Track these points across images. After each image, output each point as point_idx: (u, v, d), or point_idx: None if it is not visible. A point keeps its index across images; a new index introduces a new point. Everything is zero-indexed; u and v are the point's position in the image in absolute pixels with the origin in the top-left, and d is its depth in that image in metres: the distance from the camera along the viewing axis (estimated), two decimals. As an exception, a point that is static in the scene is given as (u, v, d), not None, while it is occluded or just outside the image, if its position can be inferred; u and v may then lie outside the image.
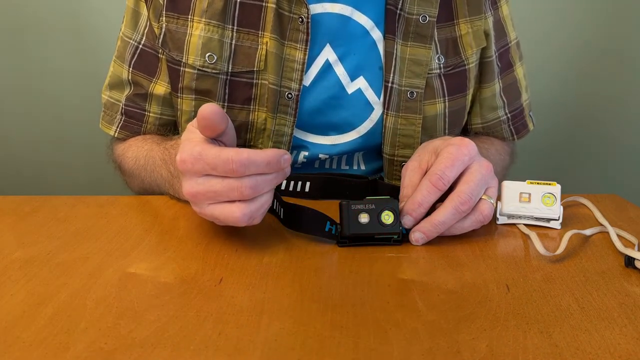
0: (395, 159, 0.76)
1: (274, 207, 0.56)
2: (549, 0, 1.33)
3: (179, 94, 0.74)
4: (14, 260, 0.53)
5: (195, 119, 0.51)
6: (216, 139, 0.52)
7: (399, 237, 0.56)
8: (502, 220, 0.62)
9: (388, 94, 0.74)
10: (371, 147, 0.78)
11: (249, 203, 0.49)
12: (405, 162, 0.61)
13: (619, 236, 0.58)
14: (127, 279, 0.49)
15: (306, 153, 0.77)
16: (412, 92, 0.74)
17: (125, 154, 0.79)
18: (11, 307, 0.45)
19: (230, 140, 0.54)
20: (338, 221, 0.56)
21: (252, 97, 0.72)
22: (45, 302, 0.45)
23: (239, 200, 0.49)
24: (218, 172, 0.48)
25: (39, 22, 1.30)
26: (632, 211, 0.66)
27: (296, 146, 0.76)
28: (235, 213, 0.49)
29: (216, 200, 0.50)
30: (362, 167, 0.81)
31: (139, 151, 0.75)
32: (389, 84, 0.74)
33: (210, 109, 0.49)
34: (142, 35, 0.76)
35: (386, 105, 0.74)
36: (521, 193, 0.60)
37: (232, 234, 0.58)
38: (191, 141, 0.50)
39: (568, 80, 1.39)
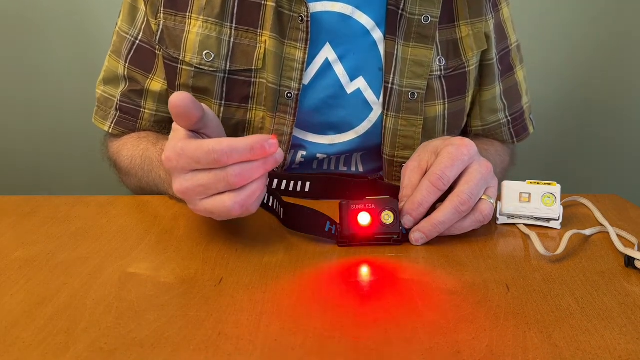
0: (395, 160, 0.76)
1: (274, 207, 0.56)
2: (549, 0, 1.33)
3: (175, 92, 0.73)
4: (14, 260, 0.53)
5: None
6: (199, 133, 0.52)
7: (399, 237, 0.56)
8: (502, 220, 0.62)
9: (388, 95, 0.74)
10: (369, 147, 0.78)
11: (239, 192, 0.49)
12: (405, 163, 0.61)
13: (619, 236, 0.58)
14: (127, 279, 0.49)
15: (304, 152, 0.77)
16: (413, 93, 0.74)
17: (120, 152, 0.78)
18: (11, 307, 0.45)
19: (216, 133, 0.54)
20: (338, 221, 0.56)
21: (250, 95, 0.72)
22: (45, 302, 0.45)
23: (229, 191, 0.49)
24: (202, 165, 0.48)
25: (35, 19, 1.30)
26: (632, 211, 0.66)
27: (294, 145, 0.76)
28: (225, 203, 0.49)
29: (206, 195, 0.49)
30: (360, 169, 0.81)
31: (134, 150, 0.75)
32: (389, 85, 0.74)
33: (179, 97, 0.48)
34: (140, 30, 0.75)
35: (386, 106, 0.74)
36: (521, 193, 0.60)
37: (232, 233, 0.58)
38: (174, 139, 0.50)
39: (568, 80, 1.39)
